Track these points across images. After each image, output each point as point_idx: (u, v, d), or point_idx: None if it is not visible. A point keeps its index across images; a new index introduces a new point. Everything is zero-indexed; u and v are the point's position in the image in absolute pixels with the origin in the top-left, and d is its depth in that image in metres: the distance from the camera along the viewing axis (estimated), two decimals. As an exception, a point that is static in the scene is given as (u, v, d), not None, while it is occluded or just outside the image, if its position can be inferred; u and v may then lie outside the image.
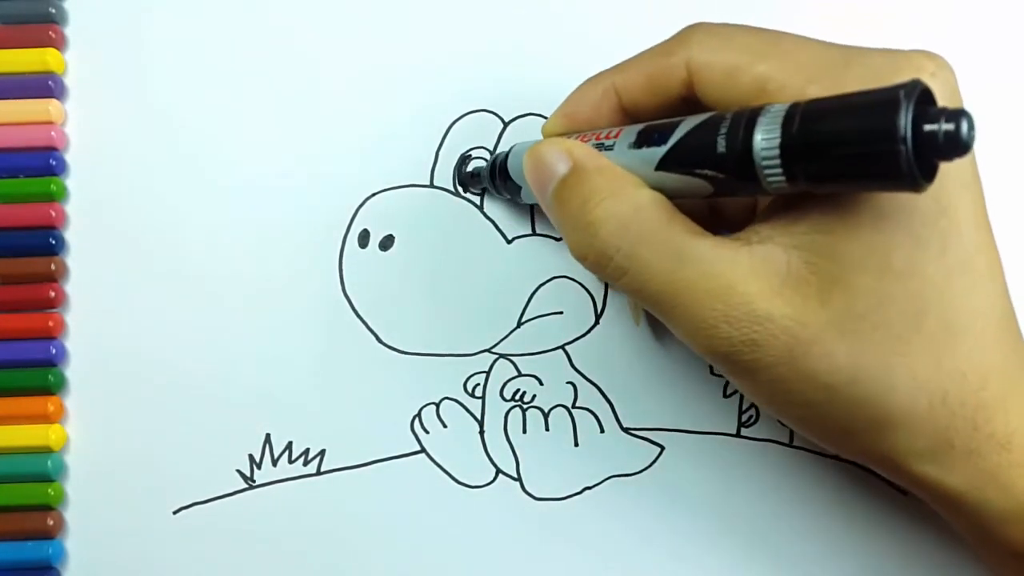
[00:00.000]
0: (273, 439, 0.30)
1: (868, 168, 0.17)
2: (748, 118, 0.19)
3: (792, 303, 0.20)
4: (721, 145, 0.19)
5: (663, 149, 0.21)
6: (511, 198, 0.29)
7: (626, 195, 0.21)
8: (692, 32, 0.23)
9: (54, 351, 0.30)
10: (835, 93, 0.18)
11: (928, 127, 0.16)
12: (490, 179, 0.29)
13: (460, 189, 0.30)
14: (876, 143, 0.17)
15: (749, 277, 0.20)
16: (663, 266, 0.21)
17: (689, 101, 0.23)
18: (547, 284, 0.30)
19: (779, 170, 0.18)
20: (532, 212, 0.30)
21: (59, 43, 0.31)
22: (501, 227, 0.30)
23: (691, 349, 0.22)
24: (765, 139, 0.18)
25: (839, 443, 0.22)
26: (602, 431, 0.30)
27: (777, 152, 0.18)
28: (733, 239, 0.21)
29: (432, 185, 0.30)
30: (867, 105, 0.17)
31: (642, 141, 0.22)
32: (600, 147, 0.23)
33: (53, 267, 0.30)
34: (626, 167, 0.22)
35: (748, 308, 0.20)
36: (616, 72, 0.24)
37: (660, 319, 0.22)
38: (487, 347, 0.30)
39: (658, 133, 0.21)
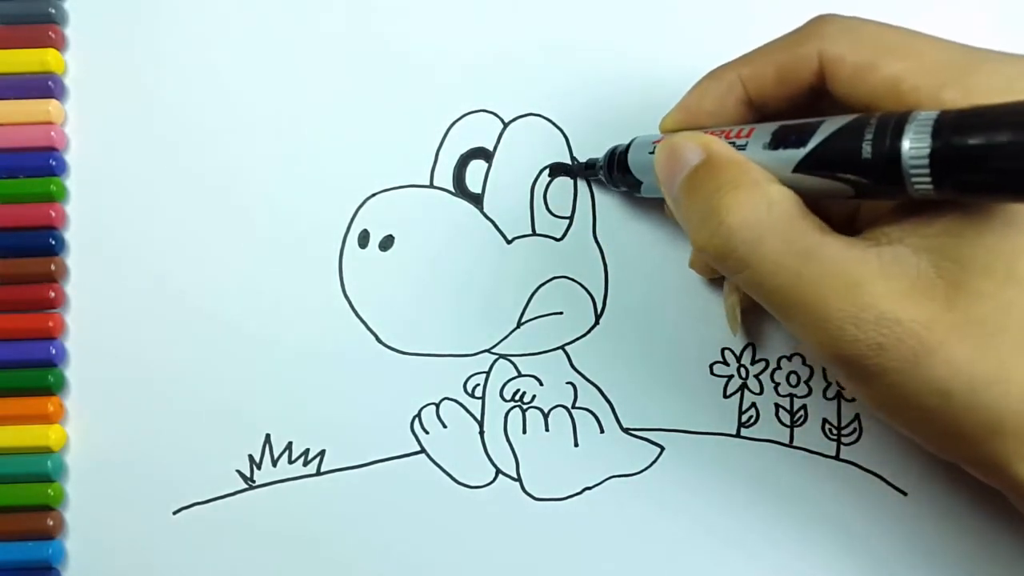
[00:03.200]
0: (273, 439, 0.30)
1: (1020, 183, 0.17)
2: (895, 124, 0.19)
3: (920, 306, 0.20)
4: (867, 151, 0.19)
5: (802, 151, 0.21)
6: (627, 191, 0.29)
7: (758, 187, 0.21)
8: (822, 24, 0.23)
9: (54, 351, 0.30)
10: (968, 98, 0.19)
11: None
12: (607, 171, 0.28)
13: (460, 190, 0.30)
14: None
15: (879, 278, 0.20)
16: (789, 262, 0.21)
17: (817, 92, 0.23)
18: (547, 284, 0.30)
19: (928, 178, 0.18)
20: (532, 212, 0.30)
21: (59, 43, 0.31)
22: (501, 227, 0.30)
23: (813, 353, 0.22)
24: (914, 147, 0.18)
25: (945, 447, 0.22)
26: (602, 431, 0.30)
27: (927, 160, 0.18)
28: (862, 239, 0.21)
29: (432, 185, 0.30)
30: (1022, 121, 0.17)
31: (778, 142, 0.22)
32: (731, 145, 0.23)
33: (53, 267, 0.30)
34: (760, 166, 0.22)
35: (877, 310, 0.20)
36: (742, 64, 0.24)
37: (779, 318, 0.22)
38: (487, 347, 0.30)
39: (795, 135, 0.21)
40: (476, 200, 0.30)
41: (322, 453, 0.30)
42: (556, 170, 0.30)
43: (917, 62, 0.21)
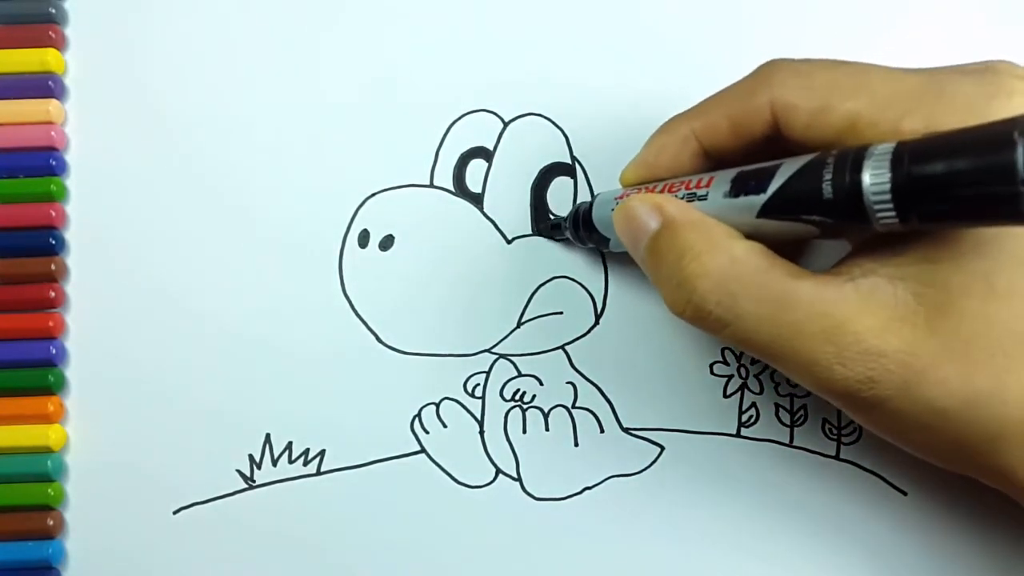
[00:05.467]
0: (273, 439, 0.30)
1: (985, 208, 0.17)
2: (853, 160, 0.19)
3: (902, 335, 0.20)
4: (827, 191, 0.19)
5: (763, 197, 0.21)
6: (597, 247, 0.28)
7: (721, 248, 0.21)
8: (772, 72, 0.22)
9: (54, 351, 0.30)
10: (929, 126, 0.19)
11: None
12: (574, 230, 0.28)
13: (460, 190, 0.30)
14: (995, 185, 0.16)
15: (858, 314, 0.20)
16: (766, 314, 0.21)
17: (773, 139, 0.23)
18: (547, 284, 0.30)
19: (891, 211, 0.18)
20: (532, 212, 0.30)
21: (59, 43, 0.31)
22: (501, 227, 0.30)
23: (804, 386, 0.22)
24: (875, 182, 0.18)
25: (953, 461, 0.22)
26: (602, 431, 0.30)
27: (889, 194, 0.18)
28: (835, 275, 0.21)
29: (432, 185, 0.30)
30: (981, 146, 0.17)
31: (738, 189, 0.21)
32: (692, 197, 0.23)
33: (53, 267, 0.30)
34: (723, 217, 0.22)
35: (861, 347, 0.20)
36: (694, 118, 0.24)
37: (770, 365, 0.22)
38: (487, 347, 0.30)
39: (754, 181, 0.21)
40: (476, 200, 0.30)
41: (322, 453, 0.30)
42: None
43: (872, 97, 0.21)
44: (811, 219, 0.20)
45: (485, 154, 0.30)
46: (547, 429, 0.30)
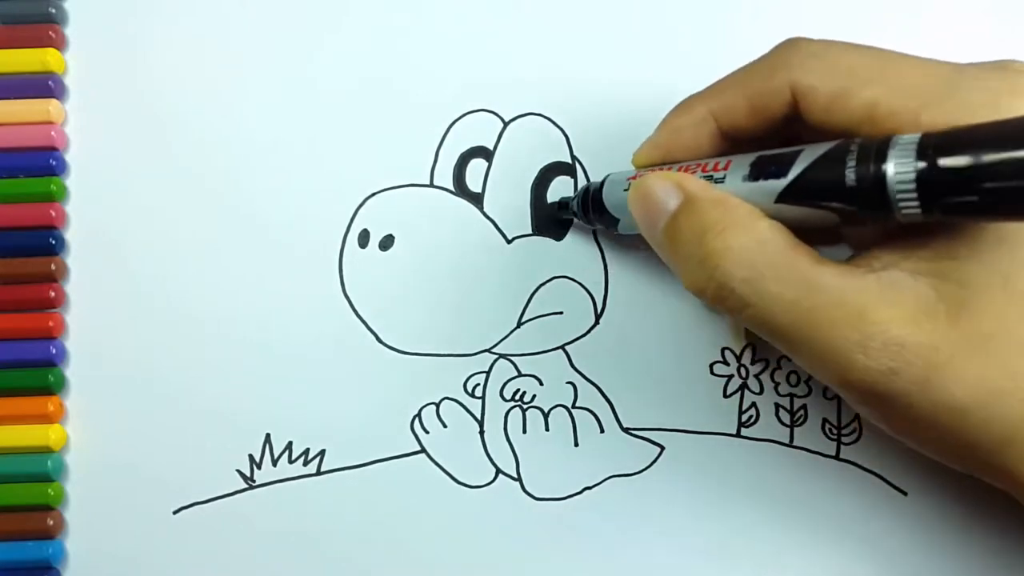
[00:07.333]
0: (273, 439, 0.30)
1: (1010, 203, 0.17)
2: (878, 149, 0.19)
3: (925, 328, 0.20)
4: (850, 178, 0.19)
5: (783, 182, 0.20)
6: (604, 228, 0.28)
7: (747, 226, 0.21)
8: (791, 51, 0.22)
9: (54, 351, 0.30)
10: (949, 119, 0.18)
11: None
12: (581, 210, 0.28)
13: (460, 189, 0.30)
14: (1021, 179, 0.16)
15: (882, 304, 0.20)
16: (790, 296, 0.20)
17: (791, 120, 0.23)
18: (547, 284, 0.30)
19: (915, 202, 0.18)
20: (532, 211, 0.30)
21: (59, 43, 0.31)
22: (501, 227, 0.30)
23: (824, 382, 0.22)
24: (899, 172, 0.18)
25: (962, 460, 0.22)
26: (602, 431, 0.30)
27: (913, 184, 0.18)
28: (856, 266, 0.21)
29: (432, 185, 0.30)
30: (1009, 140, 0.17)
31: (757, 173, 0.21)
32: (708, 179, 0.22)
33: (53, 267, 0.30)
34: (741, 199, 0.22)
35: (885, 336, 0.20)
36: (711, 98, 0.24)
37: (785, 351, 0.22)
38: (487, 347, 0.30)
39: (775, 165, 0.21)
40: (476, 200, 0.30)
41: (322, 453, 0.30)
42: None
43: (893, 86, 0.21)
44: (832, 206, 0.20)
45: (485, 154, 0.30)
46: (547, 429, 0.30)
